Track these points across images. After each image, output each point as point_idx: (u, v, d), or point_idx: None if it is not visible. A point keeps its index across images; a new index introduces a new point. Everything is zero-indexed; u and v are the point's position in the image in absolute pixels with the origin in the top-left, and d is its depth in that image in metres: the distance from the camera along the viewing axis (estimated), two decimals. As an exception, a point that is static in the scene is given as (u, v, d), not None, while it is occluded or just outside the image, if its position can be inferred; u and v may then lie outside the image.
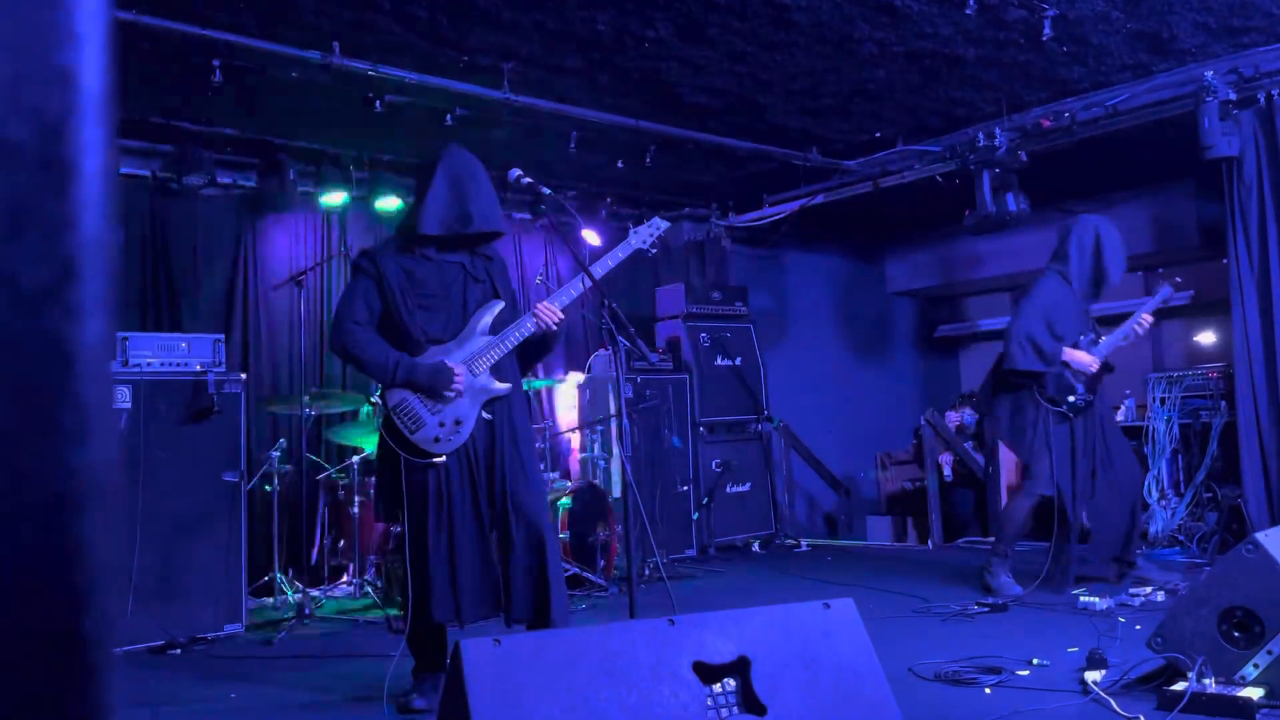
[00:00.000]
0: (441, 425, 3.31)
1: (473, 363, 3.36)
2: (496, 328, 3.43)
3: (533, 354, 3.62)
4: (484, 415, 3.39)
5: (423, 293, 3.41)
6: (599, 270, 3.47)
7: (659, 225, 3.67)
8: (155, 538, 4.68)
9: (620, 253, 3.54)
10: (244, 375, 5.11)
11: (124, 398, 4.70)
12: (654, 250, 3.74)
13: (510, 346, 3.41)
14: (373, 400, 3.42)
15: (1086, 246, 5.11)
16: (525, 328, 3.42)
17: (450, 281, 3.45)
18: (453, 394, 3.31)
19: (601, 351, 7.11)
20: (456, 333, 3.42)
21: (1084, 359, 4.99)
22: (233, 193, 6.41)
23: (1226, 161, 5.78)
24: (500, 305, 3.48)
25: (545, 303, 3.43)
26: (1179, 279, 5.35)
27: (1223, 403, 6.24)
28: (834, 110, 6.31)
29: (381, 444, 3.43)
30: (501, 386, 3.41)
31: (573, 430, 6.84)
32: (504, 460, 3.39)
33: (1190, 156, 5.77)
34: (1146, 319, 5.18)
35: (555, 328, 3.44)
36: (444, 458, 3.32)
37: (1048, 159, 6.63)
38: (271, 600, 5.47)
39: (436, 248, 3.45)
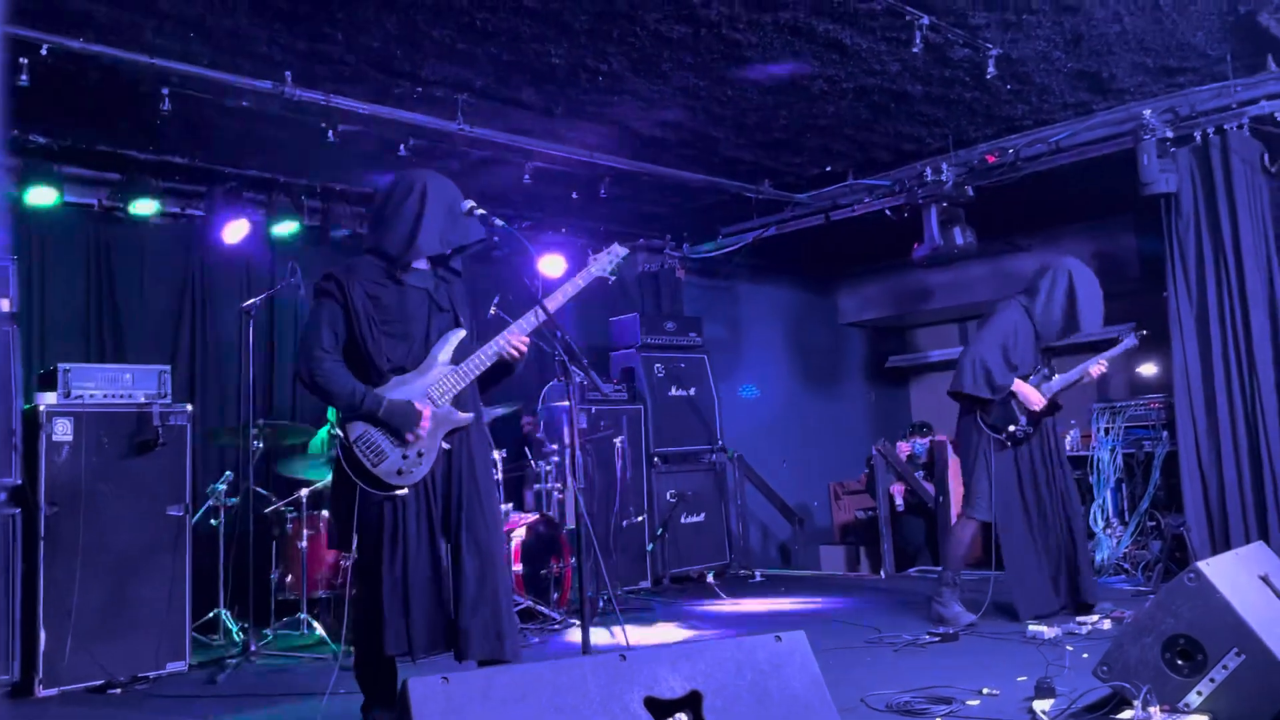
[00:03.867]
0: (405, 458, 3.27)
1: (435, 393, 3.32)
2: (458, 357, 3.39)
3: (491, 379, 3.54)
4: (443, 445, 3.34)
5: (387, 319, 3.35)
6: (560, 299, 3.44)
7: (618, 252, 3.65)
8: (96, 574, 4.58)
9: (581, 281, 3.50)
10: (189, 407, 5.03)
11: (65, 430, 4.60)
12: (614, 278, 3.72)
13: (473, 376, 3.37)
14: (334, 432, 3.34)
15: (1058, 289, 5.11)
16: (490, 354, 3.38)
17: (415, 308, 3.40)
18: (414, 437, 3.26)
19: (555, 382, 7.09)
20: (418, 361, 3.36)
21: (1031, 394, 5.05)
22: (181, 221, 6.32)
23: (1165, 198, 5.94)
24: (462, 334, 3.43)
25: (513, 330, 3.39)
26: (1145, 332, 5.35)
27: (1164, 432, 6.38)
28: (785, 144, 6.40)
29: (338, 474, 3.35)
30: (464, 417, 3.36)
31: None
32: (461, 492, 3.34)
33: (1131, 192, 5.94)
34: (1102, 365, 5.22)
35: (519, 354, 3.41)
36: (406, 490, 3.27)
37: (994, 194, 6.77)
38: (216, 637, 5.35)
39: (404, 272, 3.40)
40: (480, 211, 3.46)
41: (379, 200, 3.50)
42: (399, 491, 3.26)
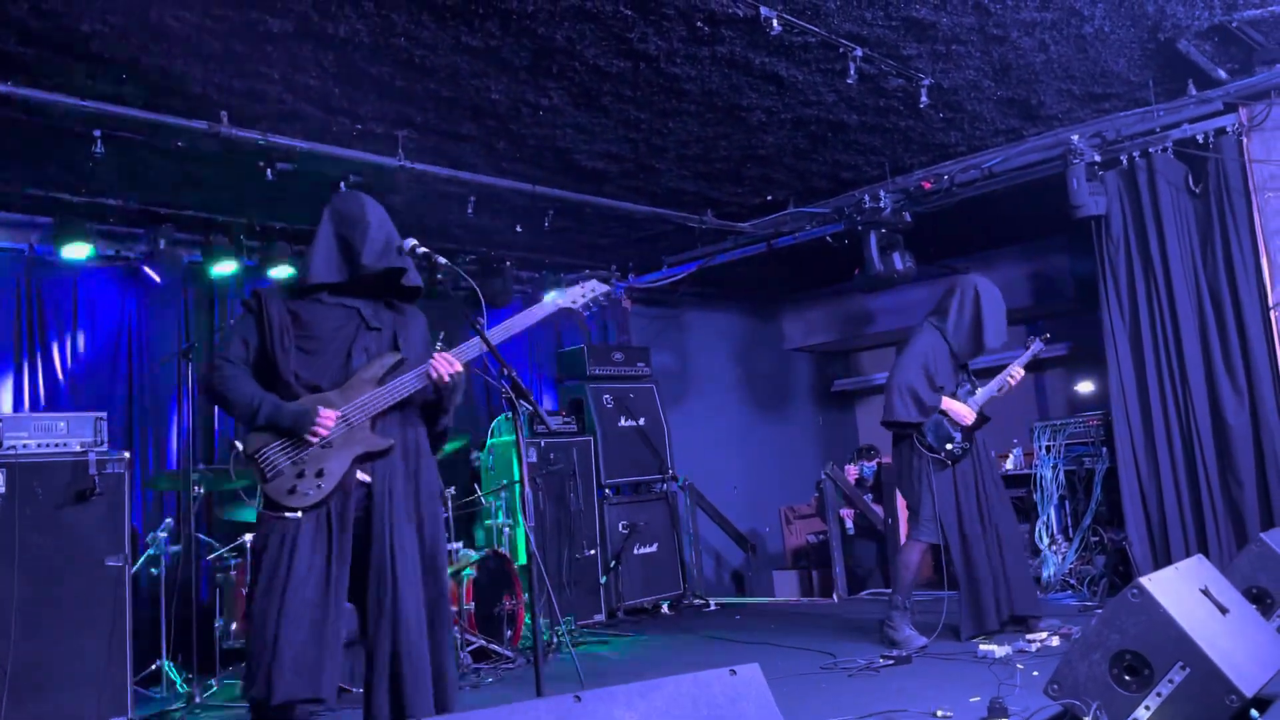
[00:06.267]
0: (300, 476, 3.02)
1: (350, 413, 3.10)
2: (386, 380, 3.17)
3: (427, 414, 3.31)
4: (361, 476, 3.09)
5: (305, 335, 3.18)
6: (515, 328, 3.31)
7: (598, 288, 3.47)
8: (33, 629, 4.43)
9: (542, 311, 3.37)
10: (127, 454, 4.90)
11: (-3, 482, 4.47)
12: (587, 312, 3.53)
13: (396, 398, 3.15)
14: (235, 443, 3.15)
15: (967, 306, 5.27)
16: (415, 379, 3.16)
17: (338, 326, 3.21)
18: (316, 438, 3.04)
19: (504, 417, 7.06)
20: (337, 381, 3.16)
21: (961, 409, 5.17)
22: (115, 264, 6.20)
23: (1095, 220, 6.10)
24: (397, 358, 3.21)
25: (443, 353, 3.18)
26: (1048, 334, 5.56)
27: (1104, 449, 6.51)
28: (726, 174, 6.47)
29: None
30: (379, 441, 3.12)
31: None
32: (381, 535, 3.07)
33: (1062, 215, 6.08)
34: (1018, 372, 5.36)
35: (449, 380, 3.16)
36: (299, 513, 2.99)
37: (931, 219, 6.90)
38: (159, 689, 5.20)
39: (330, 293, 3.24)
40: (423, 250, 3.38)
41: None
42: (289, 514, 2.99)
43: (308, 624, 2.94)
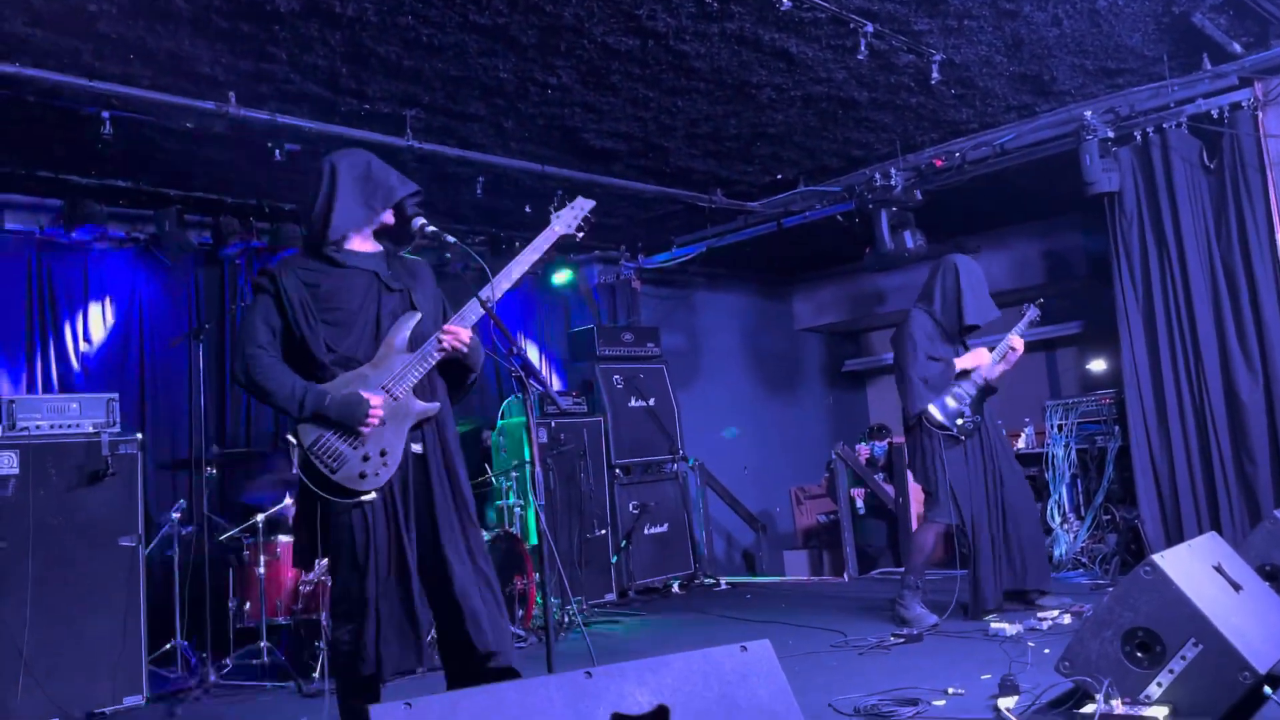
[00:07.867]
0: (366, 459, 3.01)
1: (392, 386, 3.09)
2: (415, 343, 3.15)
3: (453, 380, 3.32)
4: (413, 448, 3.10)
5: (328, 306, 3.11)
6: (524, 262, 3.31)
7: (583, 205, 3.46)
8: (48, 609, 4.48)
9: (543, 242, 3.36)
10: (140, 435, 4.93)
11: (11, 463, 4.50)
12: (581, 234, 3.49)
13: (432, 363, 3.14)
14: (286, 438, 3.13)
15: (949, 286, 5.29)
16: (433, 353, 3.14)
17: (358, 293, 3.15)
18: (368, 428, 3.02)
19: (514, 397, 7.06)
20: (370, 351, 3.12)
21: (972, 359, 5.18)
22: (126, 246, 6.21)
23: (1108, 196, 6.05)
24: (417, 317, 3.17)
25: (450, 325, 3.15)
26: (1042, 300, 5.52)
27: (1116, 427, 6.48)
28: (736, 153, 6.43)
29: (301, 485, 3.08)
30: (427, 406, 3.13)
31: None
32: (434, 506, 3.09)
33: (1075, 192, 6.03)
34: (1018, 340, 5.30)
35: (466, 348, 3.16)
36: (373, 495, 3.01)
37: (942, 196, 6.86)
38: (174, 669, 5.24)
39: (339, 254, 3.17)
40: (432, 229, 3.35)
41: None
42: (365, 497, 3.01)
43: (398, 598, 3.04)
